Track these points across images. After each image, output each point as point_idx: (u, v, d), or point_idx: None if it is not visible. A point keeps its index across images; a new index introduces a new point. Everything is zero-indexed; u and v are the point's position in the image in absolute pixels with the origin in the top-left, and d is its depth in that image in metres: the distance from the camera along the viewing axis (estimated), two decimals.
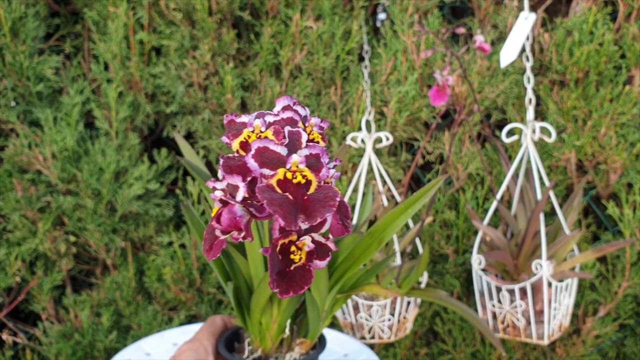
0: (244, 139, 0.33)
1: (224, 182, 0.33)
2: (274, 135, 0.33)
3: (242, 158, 0.33)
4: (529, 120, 0.98)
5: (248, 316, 0.64)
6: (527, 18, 0.98)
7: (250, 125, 0.34)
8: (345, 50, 1.16)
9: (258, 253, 0.60)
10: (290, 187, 0.32)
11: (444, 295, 0.93)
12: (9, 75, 1.15)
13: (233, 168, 0.33)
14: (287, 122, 0.34)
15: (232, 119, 0.35)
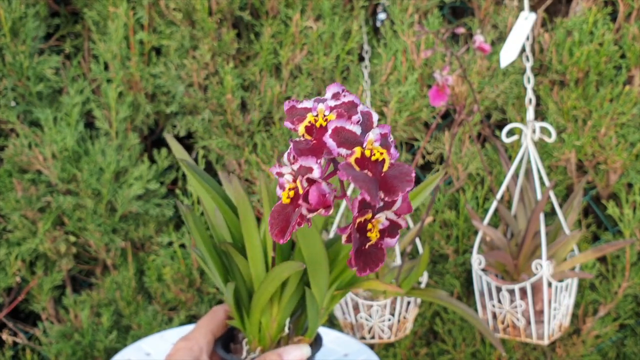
0: (309, 122, 0.34)
1: (296, 164, 0.34)
2: (338, 118, 0.34)
3: (312, 140, 0.34)
4: (529, 120, 0.98)
5: (247, 317, 0.64)
6: (527, 18, 0.98)
7: (315, 110, 0.35)
8: (345, 50, 1.16)
9: (259, 253, 0.61)
10: (368, 165, 0.34)
11: (444, 295, 0.93)
12: (9, 75, 1.15)
13: (303, 151, 0.34)
14: (349, 105, 0.35)
15: (293, 105, 0.36)
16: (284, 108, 0.37)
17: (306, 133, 0.35)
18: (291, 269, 0.59)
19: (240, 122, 1.17)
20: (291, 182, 0.35)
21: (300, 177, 0.34)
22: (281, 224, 0.35)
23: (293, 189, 0.35)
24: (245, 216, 0.61)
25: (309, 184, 0.34)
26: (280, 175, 0.36)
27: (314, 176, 0.34)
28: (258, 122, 1.18)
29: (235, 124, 1.17)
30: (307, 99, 0.37)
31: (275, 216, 0.36)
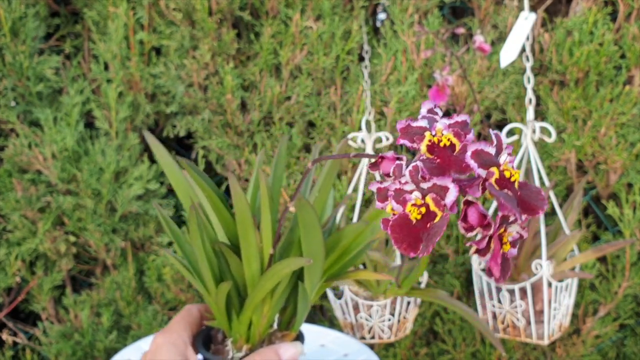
0: (429, 142, 0.37)
1: (429, 182, 0.36)
2: (455, 137, 0.37)
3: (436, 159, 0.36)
4: (529, 120, 0.98)
5: (236, 317, 0.63)
6: (527, 18, 0.98)
7: (434, 129, 0.37)
8: (345, 50, 1.16)
9: (255, 252, 0.61)
10: (507, 185, 0.36)
11: (444, 295, 0.93)
12: (9, 75, 1.15)
13: (433, 170, 0.36)
14: (461, 125, 0.38)
15: (409, 124, 0.38)
16: (398, 126, 0.38)
17: (427, 152, 0.37)
18: (296, 264, 0.58)
19: (240, 122, 1.17)
20: (419, 199, 0.37)
21: (433, 195, 0.36)
22: (408, 239, 0.37)
23: (422, 206, 0.36)
24: (242, 215, 0.60)
25: (466, 205, 0.36)
26: (400, 193, 0.37)
27: (450, 194, 0.36)
28: (258, 122, 1.18)
29: (235, 124, 1.17)
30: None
31: (398, 231, 0.37)
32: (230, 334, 0.64)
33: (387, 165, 0.39)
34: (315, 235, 0.59)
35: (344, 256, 0.64)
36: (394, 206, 0.38)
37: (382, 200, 0.39)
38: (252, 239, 0.61)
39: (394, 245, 0.37)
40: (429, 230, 0.36)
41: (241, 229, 0.60)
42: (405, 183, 0.37)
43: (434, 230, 0.36)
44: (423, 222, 0.37)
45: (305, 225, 0.59)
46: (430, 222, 0.36)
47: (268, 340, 0.65)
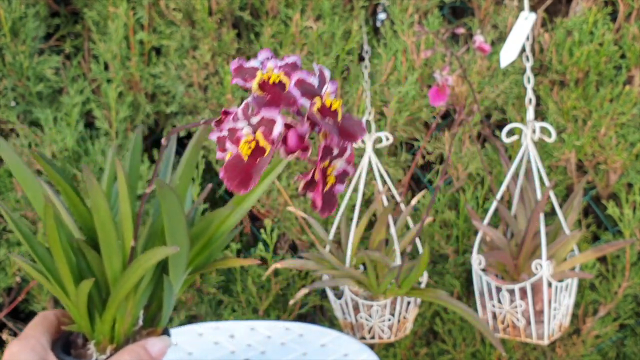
0: (261, 80, 0.38)
1: (258, 116, 0.37)
2: (286, 76, 0.38)
3: (267, 95, 0.38)
4: (529, 120, 0.98)
5: (99, 317, 0.60)
6: (527, 18, 0.98)
7: (264, 68, 0.38)
8: (345, 50, 1.16)
9: (115, 246, 0.58)
10: (329, 114, 0.38)
11: (444, 295, 0.93)
12: (9, 75, 1.15)
13: (264, 103, 0.37)
14: (292, 65, 0.39)
15: (241, 64, 0.39)
16: (231, 67, 0.39)
17: (259, 89, 0.38)
18: (161, 254, 0.55)
19: None
20: (250, 134, 0.37)
21: (263, 128, 0.37)
22: (240, 175, 0.38)
23: (252, 141, 0.37)
24: (99, 208, 0.57)
25: (287, 128, 0.37)
26: (233, 132, 0.38)
27: (277, 126, 0.36)
28: None
29: None
30: None
31: (230, 169, 0.38)
32: (93, 336, 0.61)
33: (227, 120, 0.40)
34: (179, 224, 0.56)
35: (209, 245, 0.62)
36: (229, 147, 0.38)
37: (222, 150, 0.40)
38: (112, 233, 0.58)
39: (226, 185, 0.38)
40: (257, 166, 0.37)
41: (99, 223, 0.58)
42: (237, 121, 0.38)
43: (261, 164, 0.37)
44: (253, 158, 0.37)
45: (169, 213, 0.56)
46: (260, 157, 0.37)
47: (133, 339, 0.62)
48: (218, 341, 0.95)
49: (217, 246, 0.63)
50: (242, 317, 1.19)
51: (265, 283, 1.19)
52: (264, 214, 1.21)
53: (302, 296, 1.10)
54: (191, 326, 0.99)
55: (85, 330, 0.61)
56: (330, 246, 1.02)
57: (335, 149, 0.38)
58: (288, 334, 0.96)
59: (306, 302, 1.21)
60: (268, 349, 0.92)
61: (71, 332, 0.62)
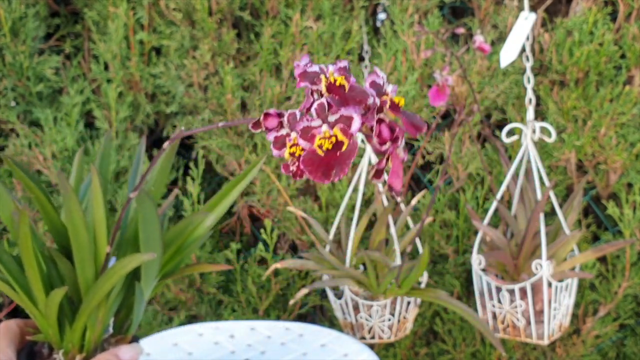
0: (327, 82, 0.42)
1: (336, 115, 0.41)
2: (345, 79, 0.42)
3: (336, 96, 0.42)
4: (529, 120, 0.98)
5: (69, 326, 0.59)
6: (527, 18, 0.98)
7: (326, 72, 0.43)
8: (345, 50, 1.16)
9: (88, 254, 0.58)
10: (397, 110, 0.43)
11: (444, 295, 0.93)
12: (9, 75, 1.15)
13: (341, 102, 0.42)
14: (344, 70, 0.43)
15: (305, 70, 0.43)
16: (295, 72, 0.43)
17: (326, 91, 0.42)
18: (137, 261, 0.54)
19: None
20: (328, 131, 0.41)
21: (341, 125, 0.41)
22: (321, 168, 0.42)
23: (330, 137, 0.41)
24: (72, 215, 0.56)
25: (379, 123, 0.42)
26: (308, 130, 0.42)
27: (355, 122, 0.41)
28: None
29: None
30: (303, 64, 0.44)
31: (310, 163, 0.42)
32: (61, 346, 0.60)
33: (271, 121, 0.44)
34: (154, 231, 0.56)
35: (181, 251, 0.61)
36: (301, 144, 0.42)
37: (279, 148, 0.44)
38: (85, 240, 0.57)
39: (308, 175, 0.42)
40: (338, 158, 0.42)
41: (72, 230, 0.57)
42: (311, 120, 0.42)
43: (345, 155, 0.41)
44: (333, 152, 0.42)
45: (144, 220, 0.55)
46: (339, 151, 0.42)
47: (102, 347, 0.61)
48: (218, 341, 0.95)
49: (188, 252, 0.62)
50: (242, 317, 1.19)
51: (265, 283, 1.19)
52: (264, 214, 1.21)
53: (302, 296, 1.10)
54: (191, 326, 0.99)
55: (53, 339, 0.59)
56: (330, 246, 1.02)
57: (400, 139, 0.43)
58: (288, 334, 0.96)
59: (306, 302, 1.21)
60: (268, 349, 0.92)
61: (35, 342, 0.61)
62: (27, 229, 0.55)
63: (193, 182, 1.17)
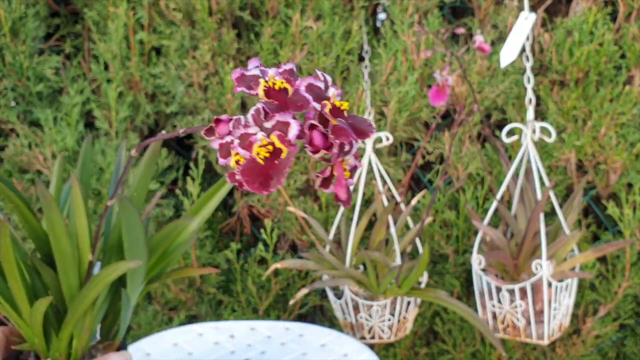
0: (265, 87, 0.40)
1: (271, 121, 0.39)
2: (287, 82, 0.40)
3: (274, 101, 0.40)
4: (529, 120, 0.98)
5: (55, 334, 0.58)
6: (527, 18, 0.98)
7: (266, 76, 0.41)
8: (345, 50, 1.16)
9: (72, 262, 0.57)
10: (340, 114, 0.40)
11: (444, 295, 0.93)
12: (9, 75, 1.15)
13: (276, 108, 0.39)
14: (290, 72, 0.41)
15: (243, 73, 0.41)
16: (232, 76, 0.41)
17: (265, 96, 0.40)
18: (122, 269, 0.54)
19: None
20: (265, 138, 0.39)
21: (277, 132, 0.39)
22: (260, 177, 0.40)
23: (268, 145, 0.39)
24: (54, 223, 0.56)
25: (311, 129, 0.40)
26: (245, 137, 0.40)
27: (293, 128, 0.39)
28: None
29: None
30: None
31: (248, 173, 0.40)
32: (48, 355, 0.59)
33: (223, 127, 0.41)
34: (138, 237, 0.55)
35: (166, 255, 0.61)
36: (240, 152, 0.40)
37: (224, 156, 0.41)
38: (67, 248, 0.56)
39: (246, 186, 0.40)
40: (277, 167, 0.39)
41: (54, 239, 0.56)
42: (248, 127, 0.40)
43: (282, 165, 0.39)
44: (271, 160, 0.39)
45: (128, 227, 0.55)
46: (277, 159, 0.39)
47: (90, 355, 0.61)
48: (218, 341, 0.95)
49: (174, 257, 0.61)
50: (242, 317, 1.19)
51: (265, 283, 1.19)
52: (264, 214, 1.21)
53: (302, 296, 1.10)
54: (191, 326, 0.99)
55: (40, 349, 0.59)
56: (330, 246, 1.02)
57: (347, 146, 0.41)
58: (288, 334, 0.96)
59: (306, 302, 1.21)
60: (268, 349, 0.92)
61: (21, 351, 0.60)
62: (7, 240, 0.53)
63: (193, 182, 1.17)
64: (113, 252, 0.61)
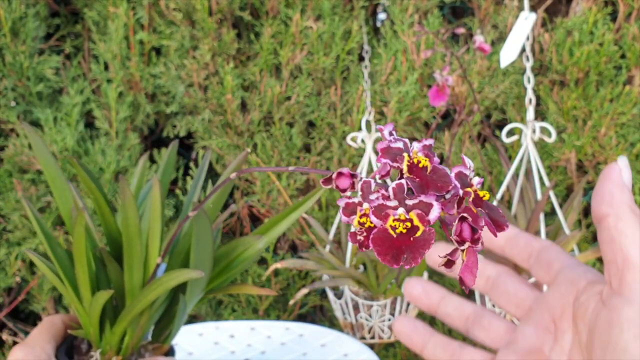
0: (408, 162, 0.41)
1: (415, 199, 0.40)
2: (427, 159, 0.41)
3: (416, 178, 0.41)
4: (529, 120, 0.98)
5: (110, 327, 0.60)
6: (527, 18, 0.98)
7: (409, 151, 0.42)
8: (345, 50, 1.16)
9: (138, 262, 0.58)
10: (481, 204, 0.41)
11: None
12: (9, 75, 1.15)
13: (417, 188, 0.40)
14: (429, 147, 0.42)
15: (389, 145, 0.42)
16: (379, 146, 0.42)
17: (407, 171, 0.41)
18: (185, 276, 0.55)
19: (240, 122, 1.17)
20: (404, 215, 0.40)
21: (418, 211, 0.40)
22: (391, 251, 0.41)
23: (405, 221, 0.40)
24: (129, 222, 0.57)
25: (461, 221, 0.41)
26: (383, 208, 0.41)
27: (434, 211, 0.40)
28: (258, 122, 1.18)
29: (235, 124, 1.17)
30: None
31: (380, 243, 0.41)
32: (100, 345, 0.60)
33: (343, 181, 0.42)
34: (206, 249, 0.57)
35: (228, 269, 0.62)
36: (373, 220, 0.40)
37: (348, 215, 0.42)
38: (137, 248, 0.58)
39: (377, 257, 0.40)
40: (411, 243, 0.40)
41: (126, 237, 0.58)
42: (387, 199, 0.40)
43: (419, 243, 0.40)
44: (406, 236, 0.40)
45: (198, 236, 0.56)
46: (412, 236, 0.40)
47: (138, 353, 0.62)
48: (218, 341, 0.95)
49: (235, 271, 0.62)
50: (242, 317, 1.19)
51: (265, 283, 1.19)
52: (264, 214, 1.21)
53: (302, 296, 1.10)
54: (191, 326, 0.99)
55: (93, 338, 0.60)
56: (330, 246, 1.02)
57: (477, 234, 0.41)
58: (288, 334, 0.96)
59: (306, 302, 1.21)
60: (268, 349, 0.92)
61: (76, 336, 0.62)
62: (82, 229, 0.55)
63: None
64: (179, 258, 0.62)
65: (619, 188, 0.37)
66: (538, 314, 0.45)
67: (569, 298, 0.41)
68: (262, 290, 0.61)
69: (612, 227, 0.37)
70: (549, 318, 0.43)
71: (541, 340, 0.43)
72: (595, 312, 0.38)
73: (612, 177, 0.38)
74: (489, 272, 0.53)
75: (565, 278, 0.43)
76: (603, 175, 0.38)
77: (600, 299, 0.38)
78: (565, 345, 0.41)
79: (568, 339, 0.41)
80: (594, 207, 0.38)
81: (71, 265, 0.60)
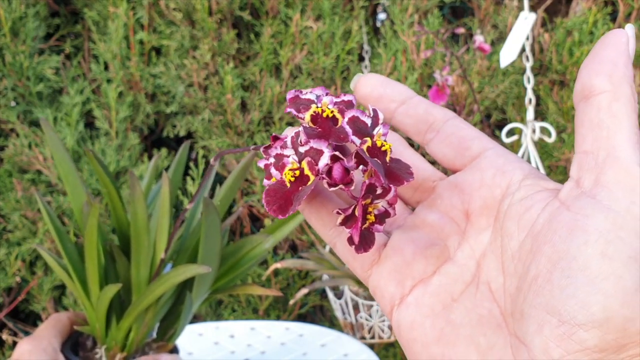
0: (314, 112, 0.39)
1: (304, 146, 0.38)
2: (339, 113, 0.38)
3: (318, 128, 0.39)
4: (529, 120, 0.98)
5: (116, 323, 0.60)
6: (527, 18, 0.98)
7: (319, 102, 0.39)
8: (345, 50, 1.16)
9: (145, 258, 0.58)
10: (378, 154, 0.38)
11: None
12: (9, 75, 1.15)
13: (314, 135, 0.38)
14: (348, 103, 0.39)
15: (297, 95, 0.39)
16: (288, 96, 0.39)
17: (311, 121, 0.39)
18: (192, 272, 0.55)
19: (240, 122, 1.17)
20: (296, 162, 0.38)
21: (309, 158, 0.38)
22: (279, 201, 0.38)
23: (296, 170, 0.38)
24: (138, 218, 0.57)
25: (333, 161, 0.38)
26: (280, 158, 0.39)
27: (324, 157, 0.37)
28: (258, 122, 1.18)
29: (235, 124, 1.17)
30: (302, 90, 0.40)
31: (272, 194, 0.38)
32: (105, 342, 0.60)
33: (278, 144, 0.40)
34: (214, 245, 0.56)
35: (235, 269, 0.62)
36: (273, 173, 0.39)
37: (268, 177, 0.40)
38: (144, 243, 0.58)
39: (265, 208, 0.38)
40: (299, 193, 0.37)
41: (134, 231, 0.58)
42: (285, 148, 0.38)
43: (302, 191, 0.37)
44: (295, 186, 0.38)
45: (207, 232, 0.56)
46: (302, 186, 0.37)
47: (143, 350, 0.62)
48: (218, 341, 0.95)
49: (242, 271, 0.62)
50: (242, 317, 1.19)
51: (265, 283, 1.19)
52: (264, 214, 1.21)
53: (302, 296, 1.10)
54: (191, 326, 0.99)
55: (99, 334, 0.61)
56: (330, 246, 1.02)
57: (378, 189, 0.38)
58: (288, 334, 0.96)
59: (306, 302, 1.21)
60: (268, 349, 0.92)
61: (81, 333, 0.62)
62: (94, 222, 0.56)
63: (193, 182, 1.17)
64: (186, 255, 0.62)
65: (624, 59, 0.28)
66: (447, 199, 0.35)
67: (494, 190, 0.32)
68: (267, 291, 0.61)
69: (604, 107, 0.28)
70: (460, 208, 0.34)
71: (446, 233, 0.34)
72: (548, 214, 0.28)
73: (617, 44, 0.28)
74: None
75: (490, 164, 0.33)
76: (604, 41, 0.28)
77: (557, 199, 0.29)
78: (476, 247, 0.32)
79: (483, 240, 0.32)
80: (583, 78, 0.28)
81: (80, 260, 0.60)
